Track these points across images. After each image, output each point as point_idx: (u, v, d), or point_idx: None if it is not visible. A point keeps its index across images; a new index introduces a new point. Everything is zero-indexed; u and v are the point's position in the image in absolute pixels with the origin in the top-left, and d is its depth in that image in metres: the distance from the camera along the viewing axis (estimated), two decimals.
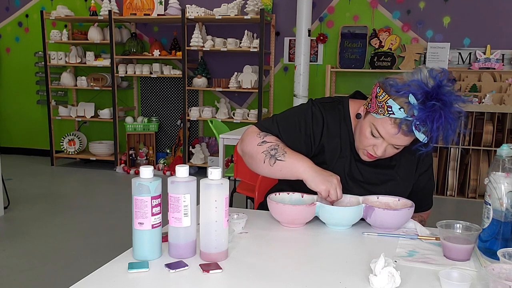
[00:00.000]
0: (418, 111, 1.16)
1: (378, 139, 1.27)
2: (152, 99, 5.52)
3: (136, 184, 1.00)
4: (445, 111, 1.15)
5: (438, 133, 1.17)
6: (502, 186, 1.07)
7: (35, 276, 2.53)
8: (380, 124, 1.24)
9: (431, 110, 1.15)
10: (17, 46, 5.85)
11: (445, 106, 1.15)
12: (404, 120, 1.18)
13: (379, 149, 1.27)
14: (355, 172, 1.39)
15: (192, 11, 4.82)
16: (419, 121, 1.16)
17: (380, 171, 1.40)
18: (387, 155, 1.31)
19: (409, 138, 1.23)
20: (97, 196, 4.21)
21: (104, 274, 0.96)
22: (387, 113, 1.20)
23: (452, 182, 4.33)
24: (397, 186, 1.40)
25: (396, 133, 1.21)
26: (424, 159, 1.45)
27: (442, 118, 1.15)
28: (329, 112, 1.40)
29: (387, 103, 1.20)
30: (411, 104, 1.16)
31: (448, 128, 1.17)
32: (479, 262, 1.06)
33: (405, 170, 1.42)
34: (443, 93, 1.16)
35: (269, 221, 1.32)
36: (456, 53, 4.53)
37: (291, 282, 0.94)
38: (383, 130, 1.24)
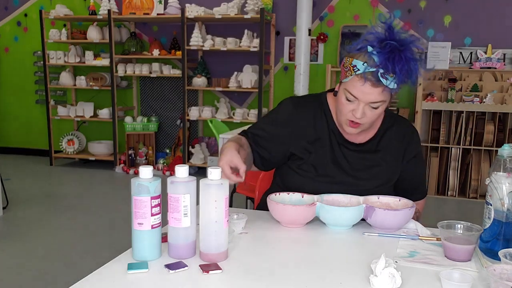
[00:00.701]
0: (378, 57, 1.21)
1: (354, 103, 1.30)
2: (152, 99, 5.51)
3: (135, 184, 1.00)
4: (403, 52, 1.20)
5: (403, 74, 1.21)
6: (504, 186, 1.07)
7: (34, 276, 2.53)
8: (350, 85, 1.28)
9: (389, 52, 1.20)
10: (16, 46, 5.84)
11: (401, 46, 1.20)
12: (369, 72, 1.22)
13: (357, 112, 1.29)
14: (340, 158, 1.41)
15: (192, 10, 4.81)
16: (382, 68, 1.21)
17: (365, 156, 1.42)
18: (368, 118, 1.31)
19: (380, 90, 1.25)
20: (97, 196, 4.21)
21: (104, 274, 0.96)
22: (354, 72, 1.26)
23: (453, 182, 4.33)
24: (383, 171, 1.42)
25: (363, 84, 1.24)
26: (412, 146, 1.47)
27: (403, 59, 1.20)
28: (303, 106, 1.46)
29: (352, 64, 1.26)
30: (370, 53, 1.22)
31: (411, 67, 1.21)
32: (480, 262, 1.06)
33: (391, 156, 1.43)
34: (396, 34, 1.22)
35: (269, 221, 1.32)
36: (457, 52, 4.52)
37: (291, 282, 0.93)
38: (354, 90, 1.27)
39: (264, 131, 1.45)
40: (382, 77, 1.22)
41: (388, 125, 1.45)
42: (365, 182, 1.40)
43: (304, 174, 1.41)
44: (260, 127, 1.47)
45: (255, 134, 1.45)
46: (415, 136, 1.48)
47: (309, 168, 1.40)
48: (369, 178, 1.40)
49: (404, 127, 1.48)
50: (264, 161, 1.46)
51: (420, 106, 4.29)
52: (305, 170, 1.41)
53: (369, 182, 1.40)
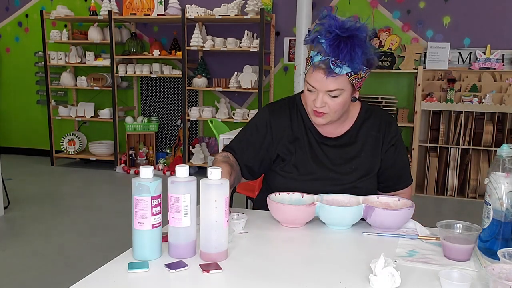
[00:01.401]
0: (326, 45, 1.27)
1: (314, 93, 1.34)
2: (152, 99, 5.51)
3: (136, 184, 1.00)
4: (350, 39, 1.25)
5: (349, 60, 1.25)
6: (502, 186, 1.07)
7: (35, 276, 2.53)
8: (309, 76, 1.34)
9: (334, 39, 1.25)
10: (17, 46, 5.85)
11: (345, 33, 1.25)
12: (321, 61, 1.28)
13: (317, 101, 1.33)
14: (319, 154, 1.44)
15: (192, 11, 4.81)
16: (331, 55, 1.26)
17: (345, 150, 1.45)
18: (330, 108, 1.34)
19: (334, 79, 1.29)
20: (97, 196, 4.21)
21: (104, 274, 0.96)
22: (310, 63, 1.33)
23: (452, 182, 4.33)
24: (363, 162, 1.44)
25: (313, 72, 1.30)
26: (390, 134, 1.48)
27: (348, 45, 1.25)
28: (278, 110, 1.50)
29: (310, 55, 1.34)
30: (320, 43, 1.28)
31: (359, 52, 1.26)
32: (479, 262, 1.06)
33: (370, 147, 1.46)
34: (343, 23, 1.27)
35: (269, 221, 1.32)
36: (456, 53, 4.52)
37: (291, 282, 0.94)
38: (312, 80, 1.33)
39: (246, 141, 1.49)
40: (334, 65, 1.26)
41: (364, 117, 1.48)
42: (347, 175, 1.43)
43: (287, 175, 1.44)
44: (241, 139, 1.51)
45: (238, 147, 1.50)
46: (392, 125, 1.50)
47: (291, 169, 1.44)
48: (350, 171, 1.43)
49: (381, 117, 1.50)
50: (250, 171, 1.50)
51: (419, 106, 4.29)
52: (287, 171, 1.44)
53: (351, 175, 1.43)
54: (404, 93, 4.71)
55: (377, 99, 4.39)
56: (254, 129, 1.50)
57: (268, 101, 5.13)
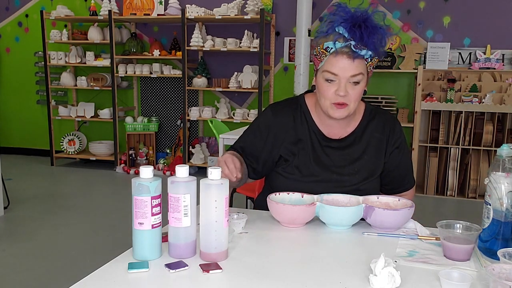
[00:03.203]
0: (347, 32, 1.28)
1: (335, 82, 1.33)
2: (152, 99, 5.51)
3: (136, 184, 1.00)
4: (367, 21, 1.28)
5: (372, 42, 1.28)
6: (502, 186, 1.07)
7: (35, 276, 2.53)
8: (328, 65, 1.32)
9: (355, 24, 1.27)
10: (17, 46, 5.85)
11: (364, 16, 1.28)
12: (343, 46, 1.29)
13: (340, 90, 1.32)
14: (322, 157, 1.43)
15: (192, 11, 4.81)
16: (352, 39, 1.28)
17: (348, 152, 1.44)
18: (352, 96, 1.34)
19: (358, 62, 1.30)
20: (97, 196, 4.21)
21: (104, 274, 0.96)
22: (328, 53, 1.32)
23: (452, 182, 4.33)
24: (366, 164, 1.43)
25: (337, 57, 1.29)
26: (394, 136, 1.48)
27: (368, 27, 1.27)
28: (282, 111, 1.48)
29: (324, 47, 1.33)
30: (339, 32, 1.29)
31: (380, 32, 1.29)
32: (479, 262, 1.06)
33: (374, 149, 1.45)
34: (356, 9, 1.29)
35: (269, 221, 1.32)
36: (456, 53, 4.52)
37: (291, 282, 0.94)
38: (333, 67, 1.31)
39: (250, 142, 1.49)
40: (356, 48, 1.28)
41: (368, 118, 1.47)
42: (350, 177, 1.42)
43: (289, 176, 1.43)
44: (245, 140, 1.51)
45: (242, 147, 1.49)
46: (397, 127, 1.49)
47: (294, 170, 1.43)
48: (353, 173, 1.42)
49: (385, 118, 1.49)
50: (255, 171, 1.49)
51: (419, 106, 4.29)
52: (289, 172, 1.44)
53: (354, 177, 1.42)
54: (404, 93, 4.71)
55: (377, 99, 4.39)
56: (257, 130, 1.50)
57: (268, 101, 5.13)
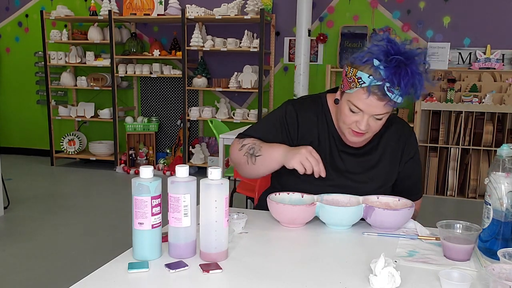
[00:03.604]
0: (384, 71, 1.19)
1: (358, 114, 1.29)
2: (152, 99, 5.51)
3: (136, 184, 1.00)
4: (409, 66, 1.19)
5: (408, 89, 1.20)
6: (502, 186, 1.07)
7: (35, 276, 2.53)
8: (355, 98, 1.27)
9: (395, 66, 1.19)
10: (17, 46, 5.85)
11: (407, 60, 1.19)
12: (375, 85, 1.21)
13: (362, 124, 1.29)
14: (338, 162, 1.42)
15: (192, 11, 4.81)
16: (388, 82, 1.20)
17: (363, 159, 1.43)
18: (372, 129, 1.32)
19: (386, 104, 1.25)
20: (97, 196, 4.21)
21: (104, 274, 0.96)
22: (358, 84, 1.24)
23: (452, 182, 4.33)
24: (380, 173, 1.42)
25: (367, 97, 1.23)
26: (409, 147, 1.47)
27: (409, 73, 1.19)
28: (305, 108, 1.44)
29: (356, 75, 1.24)
30: (376, 67, 1.20)
31: (417, 82, 1.21)
32: (479, 262, 1.06)
33: (389, 158, 1.44)
34: (402, 49, 1.21)
35: (269, 221, 1.32)
36: (456, 53, 4.52)
37: (291, 282, 0.94)
38: (359, 102, 1.26)
39: (267, 134, 1.43)
40: (388, 91, 1.21)
41: (385, 126, 1.44)
42: (364, 185, 1.40)
43: (302, 176, 1.37)
44: (262, 131, 1.45)
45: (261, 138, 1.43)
46: (412, 137, 1.49)
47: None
48: (367, 180, 1.40)
49: (401, 127, 1.48)
50: None
51: (420, 106, 4.29)
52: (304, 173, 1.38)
53: (368, 185, 1.41)
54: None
55: None
56: (276, 124, 1.43)
57: (268, 101, 5.14)
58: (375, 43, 1.24)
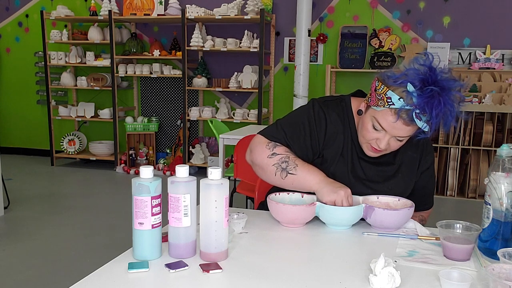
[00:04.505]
0: (417, 98, 1.16)
1: (380, 132, 1.27)
2: (152, 99, 5.52)
3: (136, 184, 1.00)
4: (443, 97, 1.15)
5: (438, 119, 1.17)
6: (502, 186, 1.07)
7: (35, 276, 2.53)
8: (381, 117, 1.24)
9: (429, 96, 1.15)
10: (17, 46, 5.85)
11: (443, 91, 1.15)
12: (404, 109, 1.18)
13: (382, 142, 1.27)
14: (358, 170, 1.39)
15: (192, 11, 4.82)
16: (418, 109, 1.16)
17: (383, 169, 1.40)
18: (391, 148, 1.30)
19: (411, 128, 1.23)
20: (97, 196, 4.21)
21: (104, 274, 0.96)
22: (387, 104, 1.21)
23: (452, 182, 4.33)
24: (399, 183, 1.40)
25: (395, 121, 1.21)
26: (426, 157, 1.45)
27: (442, 104, 1.15)
28: (332, 111, 1.40)
29: (386, 94, 1.21)
30: (409, 92, 1.16)
31: (448, 114, 1.17)
32: (479, 262, 1.06)
33: (407, 168, 1.42)
34: (440, 78, 1.16)
35: (269, 221, 1.32)
36: (456, 53, 4.52)
37: (291, 282, 0.94)
38: (385, 122, 1.24)
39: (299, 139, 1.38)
40: (416, 117, 1.18)
41: None
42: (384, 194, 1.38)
43: None
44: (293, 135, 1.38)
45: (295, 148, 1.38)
46: (429, 147, 1.46)
47: (328, 175, 1.33)
48: (386, 190, 1.38)
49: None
50: None
51: None
52: None
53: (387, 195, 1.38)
54: None
55: None
56: (307, 123, 1.38)
57: (268, 101, 5.14)
58: (414, 66, 1.19)
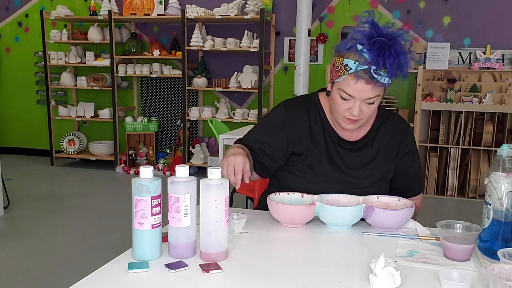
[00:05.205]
0: (369, 54, 1.22)
1: (349, 101, 1.31)
2: (152, 99, 5.51)
3: (136, 184, 1.00)
4: (393, 47, 1.22)
5: (394, 69, 1.23)
6: (502, 186, 1.07)
7: (35, 276, 2.53)
8: (345, 85, 1.29)
9: (379, 48, 1.21)
10: (17, 46, 5.85)
11: (390, 41, 1.22)
12: (362, 69, 1.23)
13: (354, 110, 1.31)
14: (335, 157, 1.43)
15: (192, 11, 4.81)
16: (374, 64, 1.22)
17: (360, 154, 1.44)
18: (365, 114, 1.33)
19: (375, 87, 1.26)
20: (97, 196, 4.21)
21: (104, 274, 0.96)
22: (346, 72, 1.27)
23: (452, 182, 4.33)
24: (377, 168, 1.43)
25: (356, 82, 1.25)
26: (405, 141, 1.48)
27: (393, 54, 1.21)
28: (297, 108, 1.46)
29: (343, 63, 1.27)
30: (361, 52, 1.23)
31: (402, 61, 1.24)
32: (479, 262, 1.06)
33: (385, 153, 1.45)
34: (383, 30, 1.23)
35: (269, 221, 1.32)
36: (456, 53, 4.52)
37: (291, 282, 0.94)
38: (349, 89, 1.28)
39: (264, 139, 1.45)
40: (375, 73, 1.23)
41: (381, 121, 1.47)
42: (361, 180, 1.41)
43: (300, 174, 1.42)
44: (258, 136, 1.47)
45: (255, 143, 1.45)
46: (408, 132, 1.50)
47: (306, 169, 1.41)
48: (365, 175, 1.41)
49: (397, 123, 1.50)
50: (265, 169, 1.47)
51: (420, 106, 4.29)
52: (301, 170, 1.42)
53: (366, 180, 1.41)
54: (404, 93, 4.71)
55: None
56: (270, 126, 1.47)
57: (268, 101, 5.14)
58: (358, 28, 1.26)
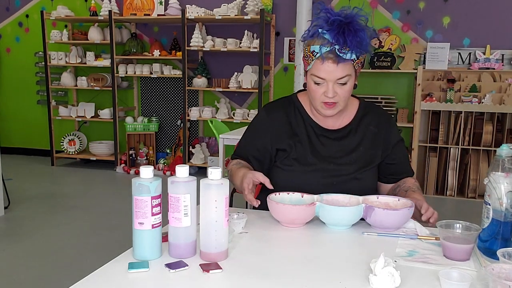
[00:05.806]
0: (329, 34, 1.31)
1: (323, 85, 1.38)
2: (152, 99, 5.52)
3: (136, 184, 1.00)
4: (352, 25, 1.31)
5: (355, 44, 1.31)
6: (502, 186, 1.07)
7: (35, 276, 2.53)
8: (315, 69, 1.37)
9: (338, 26, 1.30)
10: (17, 46, 5.85)
11: (347, 19, 1.31)
12: (327, 51, 1.32)
13: (329, 92, 1.37)
14: (319, 148, 1.48)
15: (192, 11, 4.82)
16: (336, 43, 1.31)
17: (344, 143, 1.49)
18: (340, 96, 1.38)
19: (343, 66, 1.34)
20: (97, 196, 4.21)
21: (104, 274, 0.96)
22: (314, 57, 1.36)
23: (452, 182, 4.33)
24: (362, 155, 1.48)
25: (323, 63, 1.33)
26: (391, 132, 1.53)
27: (352, 31, 1.30)
28: (276, 109, 1.54)
29: (310, 50, 1.36)
30: (322, 34, 1.32)
31: (363, 37, 1.32)
32: (479, 262, 1.06)
33: (369, 141, 1.50)
34: (339, 12, 1.33)
35: (269, 221, 1.33)
36: (456, 53, 4.52)
37: (291, 282, 0.94)
38: (320, 72, 1.35)
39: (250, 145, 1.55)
40: (340, 52, 1.31)
41: (363, 112, 1.53)
42: (347, 166, 1.46)
43: (288, 168, 1.48)
44: (245, 144, 1.57)
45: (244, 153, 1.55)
46: (391, 122, 1.57)
47: (291, 162, 1.47)
48: (349, 162, 1.46)
49: (379, 114, 1.56)
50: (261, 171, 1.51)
51: (419, 106, 4.29)
52: (287, 164, 1.48)
53: (351, 167, 1.46)
54: (403, 93, 4.72)
55: (377, 99, 4.39)
56: (254, 131, 1.56)
57: (268, 101, 5.14)
58: (317, 16, 1.35)
